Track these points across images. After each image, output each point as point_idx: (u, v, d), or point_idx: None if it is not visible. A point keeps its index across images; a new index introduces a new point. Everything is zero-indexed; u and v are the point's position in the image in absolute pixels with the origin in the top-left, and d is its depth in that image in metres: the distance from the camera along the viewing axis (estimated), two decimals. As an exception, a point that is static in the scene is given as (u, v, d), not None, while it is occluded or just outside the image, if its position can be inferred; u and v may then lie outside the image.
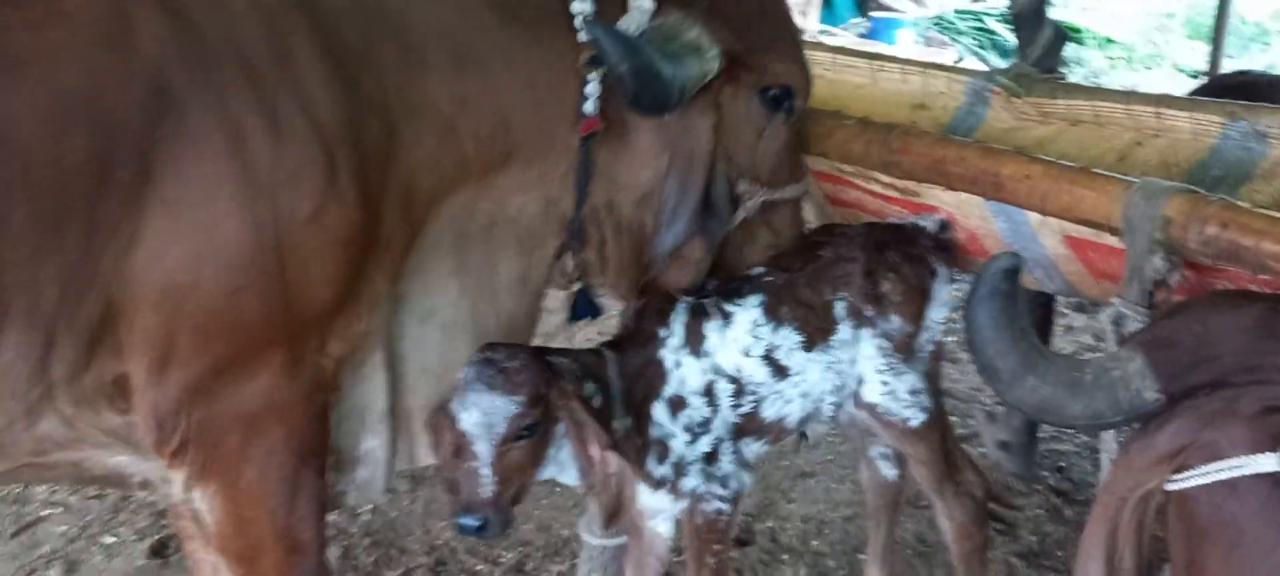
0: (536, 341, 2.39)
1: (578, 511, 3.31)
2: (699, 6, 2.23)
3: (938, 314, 2.42)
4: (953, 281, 2.46)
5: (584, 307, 2.49)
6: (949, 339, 4.56)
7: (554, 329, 2.80)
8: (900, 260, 2.37)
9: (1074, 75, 8.09)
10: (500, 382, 2.03)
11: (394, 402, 2.27)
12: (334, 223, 1.94)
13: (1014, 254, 1.67)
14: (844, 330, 2.32)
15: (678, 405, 2.26)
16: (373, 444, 2.27)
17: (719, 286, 2.37)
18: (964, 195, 2.22)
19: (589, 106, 2.21)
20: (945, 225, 2.43)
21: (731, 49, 2.24)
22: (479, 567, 3.28)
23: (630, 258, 2.41)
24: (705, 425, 2.27)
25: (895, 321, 2.33)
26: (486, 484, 2.03)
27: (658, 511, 2.33)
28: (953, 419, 3.95)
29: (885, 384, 2.34)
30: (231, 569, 2.16)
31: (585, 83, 2.19)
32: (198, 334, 1.87)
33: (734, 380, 2.27)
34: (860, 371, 2.35)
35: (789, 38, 2.43)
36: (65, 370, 1.80)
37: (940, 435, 2.46)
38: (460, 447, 2.05)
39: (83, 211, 1.72)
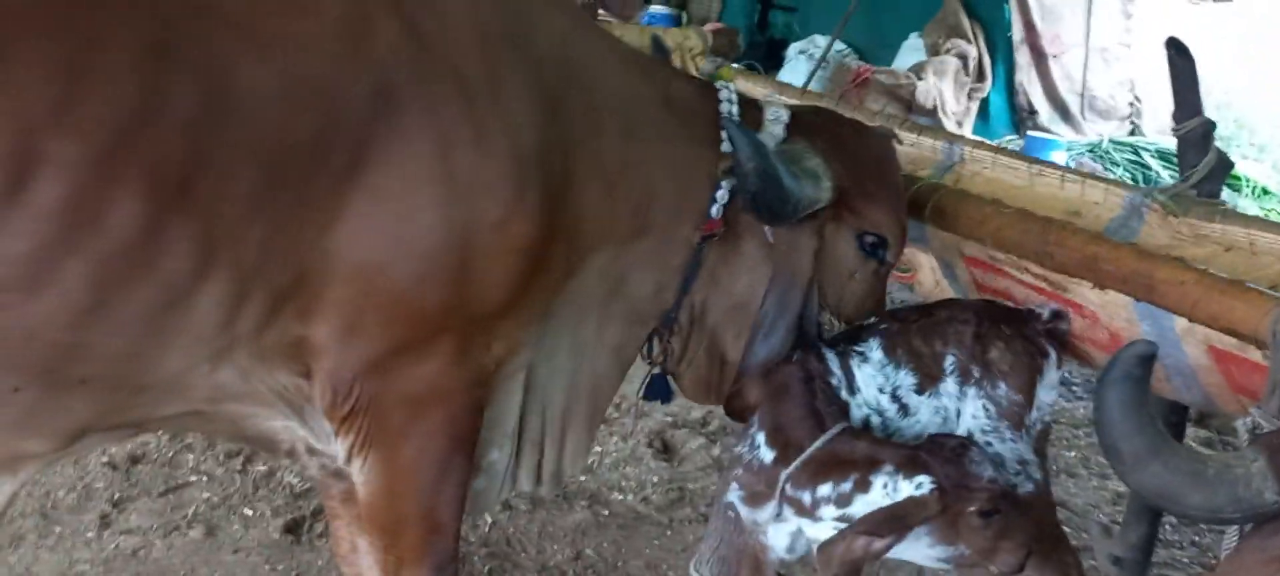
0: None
1: (686, 553, 3.41)
2: (821, 141, 2.44)
3: (1047, 395, 2.49)
4: (1061, 367, 2.53)
5: (659, 389, 2.68)
6: (1069, 454, 4.57)
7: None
8: (1012, 335, 2.45)
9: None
10: None
11: (523, 421, 2.44)
12: (516, 234, 2.10)
13: (1149, 342, 1.73)
14: (951, 384, 2.42)
15: None
16: (496, 457, 2.42)
17: (841, 334, 2.49)
18: (1112, 295, 2.28)
19: (715, 211, 2.41)
20: (1059, 315, 2.52)
21: (843, 187, 2.41)
22: (587, 593, 3.39)
23: (705, 359, 2.59)
24: None
25: (1003, 389, 2.41)
26: None
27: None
28: (1067, 530, 3.94)
29: (990, 446, 2.41)
30: (374, 541, 2.32)
31: (717, 188, 2.40)
32: (382, 312, 2.03)
33: (880, 414, 2.38)
34: (966, 429, 2.43)
35: (894, 193, 2.60)
36: (251, 325, 1.94)
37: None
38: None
39: (297, 185, 1.87)
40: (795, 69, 9.17)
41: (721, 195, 2.39)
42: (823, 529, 2.26)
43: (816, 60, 8.55)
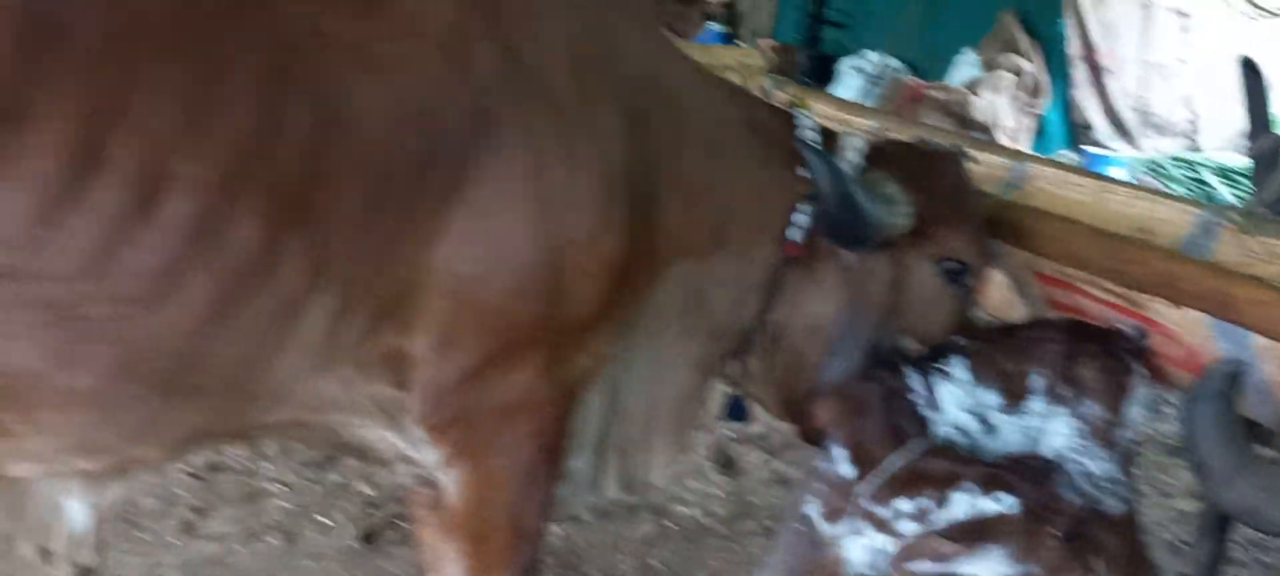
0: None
1: (751, 565, 3.45)
2: (898, 170, 2.48)
3: (1135, 412, 2.49)
4: (1148, 385, 2.54)
5: (736, 409, 2.74)
6: (1136, 472, 4.57)
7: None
8: (1100, 353, 2.45)
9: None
10: None
11: (605, 431, 2.50)
12: (604, 249, 2.17)
13: (1239, 360, 1.76)
14: (1038, 403, 2.42)
15: None
16: (578, 465, 2.48)
17: (922, 354, 2.53)
18: (1189, 313, 2.31)
19: (795, 234, 2.46)
20: (1145, 332, 2.53)
21: (921, 215, 2.45)
22: (655, 605, 3.46)
23: (782, 379, 2.63)
24: None
25: (1093, 407, 2.41)
26: None
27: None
28: (1134, 548, 3.94)
29: (1079, 464, 2.42)
30: (462, 547, 2.38)
31: (795, 212, 2.46)
32: (478, 325, 2.10)
33: (965, 433, 2.41)
34: (1055, 448, 2.43)
35: (973, 220, 2.62)
36: (354, 336, 2.01)
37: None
38: None
39: (402, 201, 1.95)
40: (847, 83, 9.22)
41: (801, 219, 2.45)
42: (892, 539, 2.30)
43: (868, 75, 8.61)
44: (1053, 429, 2.43)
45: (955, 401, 2.43)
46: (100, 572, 2.16)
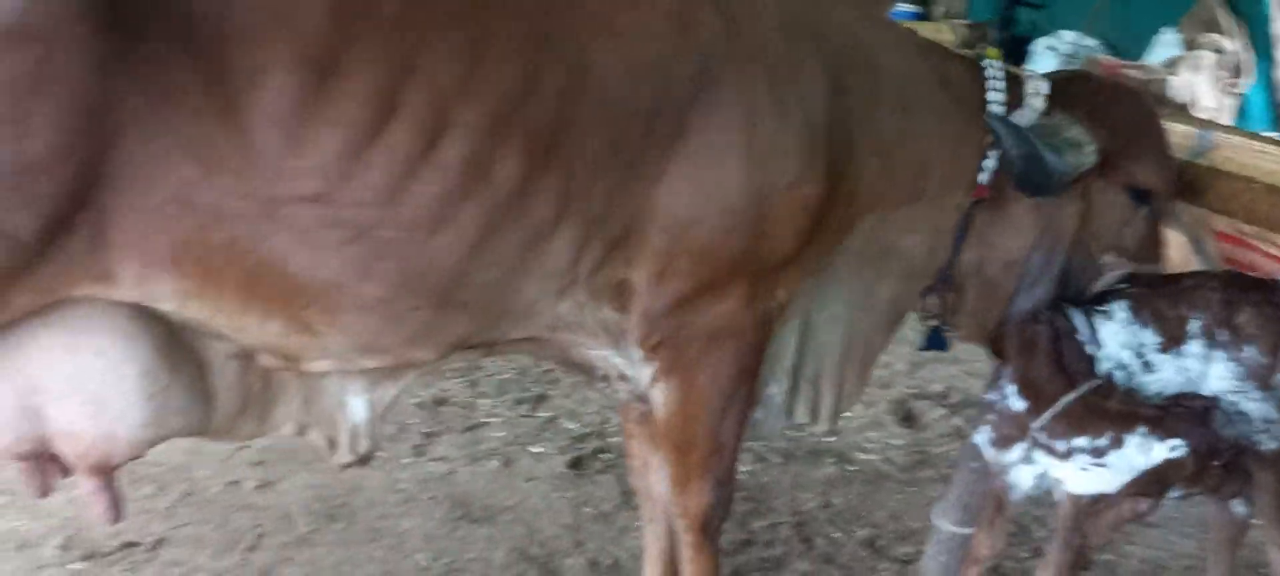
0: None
1: (927, 507, 3.67)
2: (1082, 109, 2.66)
3: None
4: None
5: (936, 341, 2.95)
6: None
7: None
8: (1259, 300, 2.60)
9: None
10: None
11: (798, 362, 2.78)
12: (804, 194, 2.43)
13: None
14: (1196, 346, 2.59)
15: None
16: (774, 390, 2.76)
17: (1087, 298, 2.73)
18: (1361, 267, 2.44)
19: (983, 178, 2.67)
20: None
21: (1106, 149, 2.62)
22: (836, 535, 3.73)
23: (984, 311, 2.84)
24: None
25: (1249, 351, 2.56)
26: None
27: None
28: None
29: (1235, 405, 2.57)
30: (667, 456, 2.70)
31: (984, 157, 2.67)
32: (691, 258, 2.39)
33: (1124, 368, 2.60)
34: (1212, 388, 2.60)
35: (1159, 147, 2.79)
36: (589, 265, 2.34)
37: None
38: None
39: (632, 149, 2.26)
40: (1041, 63, 9.13)
41: (989, 164, 2.66)
42: (1069, 468, 2.52)
43: (1063, 55, 8.54)
44: (1210, 371, 2.61)
45: (1116, 339, 2.62)
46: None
